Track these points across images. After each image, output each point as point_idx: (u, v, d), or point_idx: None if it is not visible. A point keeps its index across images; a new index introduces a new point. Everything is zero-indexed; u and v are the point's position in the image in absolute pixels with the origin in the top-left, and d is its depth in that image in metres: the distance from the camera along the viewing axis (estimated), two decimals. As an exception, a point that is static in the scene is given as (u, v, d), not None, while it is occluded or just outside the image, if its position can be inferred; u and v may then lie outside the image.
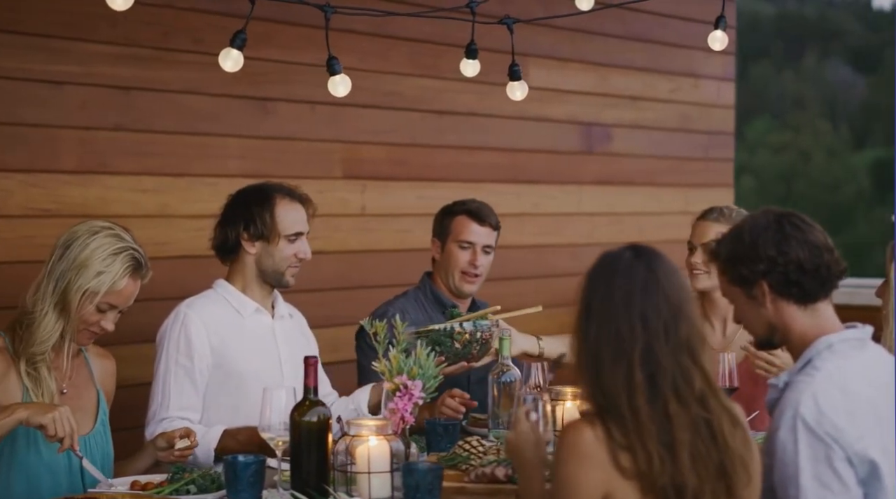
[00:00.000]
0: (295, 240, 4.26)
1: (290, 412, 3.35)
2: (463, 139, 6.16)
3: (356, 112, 5.70)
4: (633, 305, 2.70)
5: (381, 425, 3.36)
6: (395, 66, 5.81)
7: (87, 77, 4.83)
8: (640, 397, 2.65)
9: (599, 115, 6.77)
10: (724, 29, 4.25)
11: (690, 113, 7.30)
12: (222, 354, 4.19)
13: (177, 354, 4.15)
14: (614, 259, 2.77)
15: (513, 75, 4.33)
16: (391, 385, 3.61)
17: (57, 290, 3.63)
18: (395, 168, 5.87)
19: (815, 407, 2.85)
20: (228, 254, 4.31)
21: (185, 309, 4.19)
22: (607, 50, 6.66)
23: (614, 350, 2.68)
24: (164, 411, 4.10)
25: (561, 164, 6.64)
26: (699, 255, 4.61)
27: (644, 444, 2.63)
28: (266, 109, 5.38)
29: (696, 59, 7.23)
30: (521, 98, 4.33)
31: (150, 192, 5.04)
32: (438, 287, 4.84)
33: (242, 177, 5.25)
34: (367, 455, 3.29)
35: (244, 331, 4.25)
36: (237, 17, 5.08)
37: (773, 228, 3.07)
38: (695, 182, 7.41)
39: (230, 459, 3.39)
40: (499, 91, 6.14)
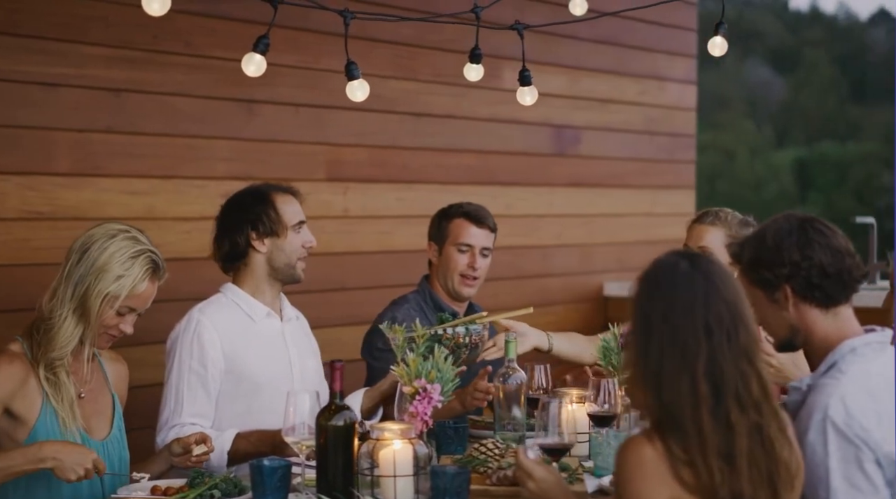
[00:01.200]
0: (300, 229, 4.29)
1: (315, 416, 3.36)
2: (439, 141, 6.20)
3: (338, 114, 5.71)
4: (696, 317, 2.65)
5: (404, 428, 3.38)
6: (376, 68, 5.82)
7: (81, 79, 4.80)
8: (704, 408, 2.61)
9: (570, 117, 6.83)
10: (724, 35, 4.30)
11: (656, 115, 7.40)
12: (235, 359, 4.18)
13: (190, 360, 4.14)
14: (670, 271, 2.72)
15: (523, 80, 4.37)
16: (410, 389, 3.62)
17: (76, 295, 3.62)
18: (376, 170, 5.90)
19: (843, 410, 2.89)
20: (236, 260, 4.30)
21: (197, 315, 4.18)
22: (577, 53, 6.73)
23: (678, 363, 2.64)
24: (177, 418, 4.09)
25: (533, 166, 6.70)
26: None
27: (705, 457, 2.60)
28: (252, 111, 5.38)
29: (661, 63, 7.33)
30: (530, 103, 4.37)
31: (139, 194, 5.02)
32: (437, 291, 4.84)
33: (230, 179, 5.26)
34: (392, 459, 3.31)
35: (256, 336, 4.25)
36: (225, 20, 5.13)
37: (797, 232, 3.11)
38: (659, 184, 7.51)
39: (257, 463, 3.40)
40: (474, 93, 6.22)
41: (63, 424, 3.64)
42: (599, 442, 3.84)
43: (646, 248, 7.38)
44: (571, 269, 6.76)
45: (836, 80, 31.01)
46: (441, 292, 4.84)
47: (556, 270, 6.70)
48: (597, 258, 7.07)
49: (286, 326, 4.37)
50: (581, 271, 6.83)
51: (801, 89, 30.53)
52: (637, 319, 2.72)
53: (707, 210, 4.75)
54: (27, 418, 3.62)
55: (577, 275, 6.76)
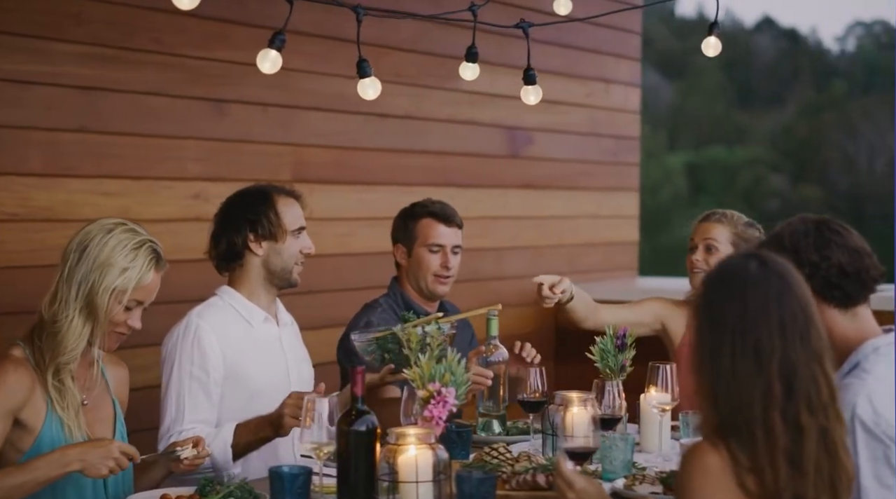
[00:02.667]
0: (299, 235, 4.23)
1: (336, 421, 3.31)
2: (399, 142, 6.16)
3: (303, 114, 5.65)
4: (771, 316, 2.63)
5: (423, 433, 3.33)
6: (339, 68, 5.76)
7: (54, 77, 4.68)
8: (775, 409, 2.59)
9: (521, 119, 6.83)
10: (718, 35, 4.33)
11: (602, 117, 7.43)
12: (234, 365, 4.11)
13: (191, 366, 4.06)
14: (740, 270, 2.69)
15: (528, 79, 4.34)
16: (425, 393, 3.57)
17: (80, 294, 3.50)
18: (339, 171, 5.84)
19: (871, 409, 2.92)
20: (233, 261, 4.23)
21: (196, 319, 4.09)
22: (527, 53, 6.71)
23: (753, 363, 2.61)
24: (179, 425, 4.02)
25: (488, 167, 6.69)
26: (700, 252, 4.74)
27: (773, 459, 2.58)
28: (222, 111, 5.28)
29: (607, 65, 7.36)
30: (534, 102, 4.35)
31: (112, 195, 4.90)
32: (408, 293, 4.78)
33: (199, 180, 5.19)
34: (413, 464, 3.25)
35: (254, 341, 4.18)
36: (195, 17, 5.04)
37: (814, 233, 3.14)
38: (605, 186, 7.55)
39: (276, 470, 3.35)
40: (433, 94, 6.19)
41: (69, 432, 3.53)
42: (607, 445, 3.82)
43: (593, 250, 7.42)
44: (524, 271, 6.75)
45: (722, 86, 31.53)
46: (413, 293, 4.77)
47: (510, 272, 6.69)
48: (548, 260, 7.07)
49: (283, 332, 4.31)
50: (533, 274, 6.79)
51: (689, 95, 31.01)
52: (706, 322, 2.69)
53: (714, 210, 4.86)
54: (33, 426, 3.51)
55: (529, 277, 6.73)
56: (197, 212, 5.17)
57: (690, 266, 4.78)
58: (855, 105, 29.93)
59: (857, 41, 34.30)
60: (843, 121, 30.18)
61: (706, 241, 4.73)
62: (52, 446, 3.47)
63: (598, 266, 7.35)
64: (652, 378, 4.18)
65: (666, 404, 4.16)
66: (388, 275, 4.95)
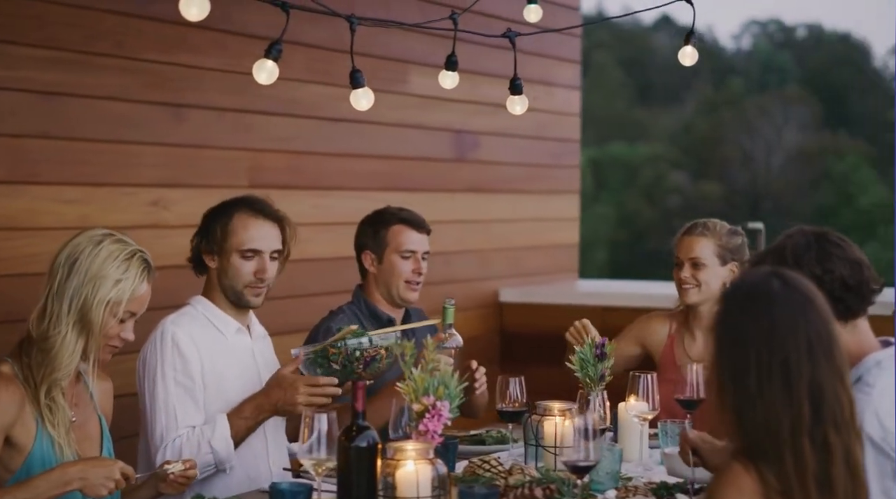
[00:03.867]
0: (251, 257, 4.11)
1: (337, 437, 3.27)
2: (351, 147, 6.11)
3: (259, 119, 5.58)
4: (798, 335, 2.59)
5: (422, 447, 3.30)
6: (294, 72, 5.70)
7: (15, 82, 4.56)
8: (804, 432, 2.55)
9: (468, 122, 6.82)
10: (695, 45, 4.35)
11: (545, 120, 7.44)
12: (210, 374, 4.06)
13: (174, 373, 3.99)
14: (764, 289, 2.65)
15: (514, 89, 4.31)
16: (420, 406, 3.54)
17: (73, 308, 3.42)
18: (294, 176, 5.78)
19: (878, 425, 2.94)
20: (197, 267, 4.18)
21: (171, 327, 4.02)
22: (475, 57, 6.70)
23: (781, 384, 2.57)
24: (174, 432, 3.95)
25: (436, 171, 6.67)
26: (688, 269, 4.70)
27: (804, 485, 2.54)
28: (180, 116, 5.20)
29: (550, 68, 7.37)
30: (520, 113, 4.32)
31: (73, 203, 4.80)
32: (374, 300, 4.74)
33: (158, 186, 5.11)
34: (413, 480, 3.23)
35: (228, 351, 4.13)
36: (154, 21, 4.95)
37: (815, 246, 3.14)
38: (547, 189, 7.57)
39: (277, 486, 3.33)
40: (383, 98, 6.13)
41: (59, 451, 3.45)
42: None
43: (535, 252, 7.43)
44: (471, 275, 6.75)
45: (622, 84, 31.84)
46: (380, 300, 4.73)
47: (458, 276, 6.68)
48: (493, 264, 7.07)
49: (255, 344, 4.25)
50: (479, 277, 6.83)
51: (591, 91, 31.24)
52: (728, 341, 2.64)
53: (695, 222, 4.81)
54: (23, 445, 3.43)
55: (475, 281, 6.75)
56: (155, 219, 5.08)
57: (679, 282, 4.74)
58: (752, 103, 30.40)
59: (753, 39, 34.83)
60: (740, 118, 30.65)
61: (692, 259, 4.71)
62: (43, 466, 3.40)
63: (540, 269, 7.36)
64: (633, 387, 4.19)
65: (647, 414, 4.17)
66: (344, 280, 4.92)
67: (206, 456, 3.89)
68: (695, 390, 4.27)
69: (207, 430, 3.94)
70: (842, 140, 30.47)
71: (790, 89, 31.46)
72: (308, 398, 3.90)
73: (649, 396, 4.18)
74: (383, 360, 4.00)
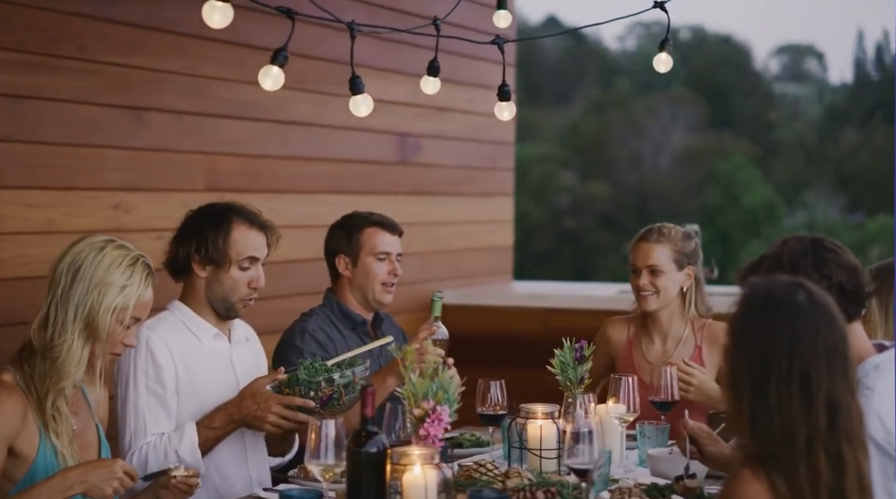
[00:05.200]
0: (248, 268, 4.11)
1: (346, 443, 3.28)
2: (302, 150, 6.10)
3: (216, 122, 5.54)
4: (819, 348, 2.62)
5: (428, 452, 3.32)
6: (249, 75, 5.66)
7: (-19, 84, 4.49)
8: (819, 443, 2.58)
9: (411, 125, 6.84)
10: (669, 52, 4.42)
11: (481, 123, 7.48)
12: (184, 381, 4.05)
13: (146, 379, 3.98)
14: (790, 300, 2.68)
15: (502, 95, 4.33)
16: (420, 411, 3.56)
17: (79, 316, 3.39)
18: (249, 180, 5.74)
19: (881, 427, 3.01)
20: (179, 273, 4.15)
21: (147, 332, 4.00)
22: (418, 60, 6.72)
23: (800, 395, 2.59)
24: (142, 439, 3.95)
25: (381, 174, 6.68)
26: (645, 276, 4.73)
27: (816, 494, 2.57)
28: (140, 120, 5.14)
29: (486, 71, 7.40)
30: (508, 118, 4.34)
31: (39, 207, 4.72)
32: (347, 303, 4.75)
33: (119, 190, 5.06)
34: (416, 484, 3.25)
35: (204, 358, 4.11)
36: (115, 23, 4.90)
37: (811, 252, 3.22)
38: (483, 191, 7.61)
39: (286, 492, 3.32)
40: (333, 101, 6.15)
41: (62, 460, 3.41)
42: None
43: (473, 255, 7.47)
44: (413, 277, 6.74)
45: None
46: (353, 304, 4.76)
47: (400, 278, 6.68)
48: (433, 266, 7.09)
49: (234, 350, 4.23)
50: (420, 280, 6.84)
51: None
52: (749, 348, 2.66)
53: (650, 227, 4.82)
54: (27, 454, 3.39)
55: (417, 283, 6.76)
56: (118, 223, 5.02)
57: (637, 289, 4.76)
58: (639, 103, 30.82)
59: (637, 40, 35.30)
60: (627, 119, 31.04)
61: (649, 266, 4.74)
62: (47, 474, 3.36)
63: (477, 271, 7.41)
64: (614, 390, 4.24)
65: (627, 416, 4.22)
66: (301, 283, 4.91)
67: (172, 463, 3.85)
68: (669, 392, 4.34)
69: (175, 438, 3.92)
70: (726, 140, 31.06)
71: (675, 90, 31.95)
72: (278, 420, 3.91)
73: (629, 398, 4.23)
74: (342, 397, 3.94)
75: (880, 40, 35.90)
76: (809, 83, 35.91)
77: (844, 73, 42.50)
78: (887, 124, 31.73)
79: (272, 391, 3.93)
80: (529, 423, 4.09)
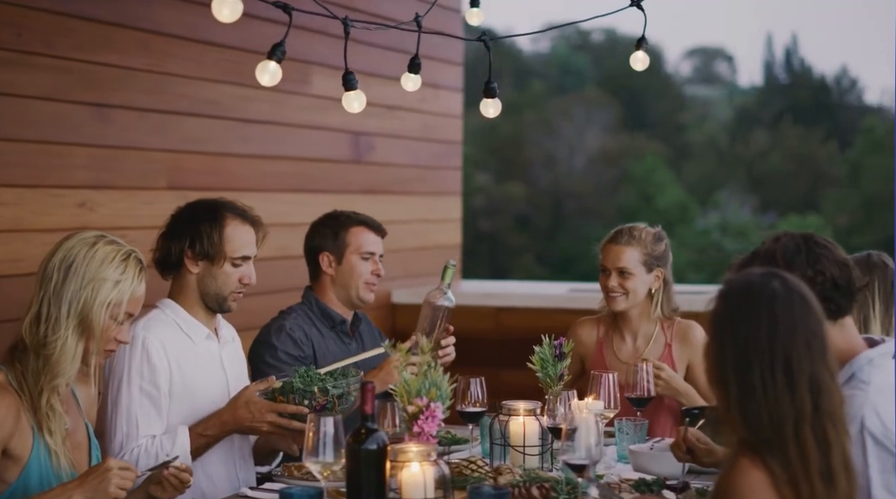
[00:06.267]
0: (241, 264, 4.10)
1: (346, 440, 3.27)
2: (262, 148, 6.06)
3: (179, 120, 5.49)
4: (798, 334, 2.69)
5: (425, 449, 3.32)
6: (209, 72, 5.64)
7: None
8: (806, 425, 2.64)
9: (365, 124, 6.83)
10: (646, 50, 4.46)
11: (431, 122, 7.50)
12: (178, 382, 4.01)
13: (140, 380, 3.94)
14: (766, 290, 2.74)
15: (488, 92, 4.33)
16: (414, 408, 3.56)
17: (73, 312, 3.34)
18: (211, 178, 5.70)
19: (878, 421, 3.01)
20: (170, 269, 4.12)
21: (142, 333, 3.95)
22: (369, 59, 6.72)
23: (784, 381, 2.65)
24: (133, 441, 3.91)
25: (337, 172, 6.66)
26: (615, 278, 4.77)
27: (808, 477, 2.62)
28: (106, 117, 5.08)
29: (436, 71, 7.42)
30: (493, 116, 4.35)
31: (6, 205, 4.65)
32: (328, 301, 4.75)
33: (85, 188, 5.00)
34: (420, 481, 3.25)
35: (196, 358, 4.08)
36: (83, 19, 4.85)
37: (804, 249, 3.27)
38: (433, 190, 7.62)
39: (287, 491, 3.30)
40: (291, 99, 6.13)
41: (56, 460, 3.37)
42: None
43: (423, 254, 7.48)
44: (369, 276, 6.74)
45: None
46: (334, 302, 4.76)
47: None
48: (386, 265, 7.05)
49: (224, 350, 4.20)
50: (377, 279, 6.82)
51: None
52: (731, 340, 2.72)
53: (620, 228, 4.86)
54: (20, 456, 3.33)
55: (370, 282, 6.75)
56: (84, 221, 4.96)
57: (606, 290, 4.81)
58: (554, 104, 31.00)
59: (551, 42, 35.51)
60: (542, 120, 31.20)
61: (619, 268, 4.77)
62: (40, 477, 3.33)
63: (427, 270, 7.40)
64: (594, 387, 4.27)
65: (608, 412, 4.25)
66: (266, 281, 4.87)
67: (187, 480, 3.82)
68: (644, 388, 4.39)
69: (167, 442, 3.89)
70: (640, 141, 31.34)
71: (589, 92, 32.19)
72: (272, 429, 3.92)
73: (609, 395, 4.26)
74: (336, 407, 3.93)
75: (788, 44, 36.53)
76: (720, 86, 36.39)
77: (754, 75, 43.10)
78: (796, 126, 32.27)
79: (265, 398, 3.91)
80: (512, 420, 4.10)
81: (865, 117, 32.56)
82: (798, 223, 29.24)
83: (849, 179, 30.47)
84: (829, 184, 30.84)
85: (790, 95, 34.42)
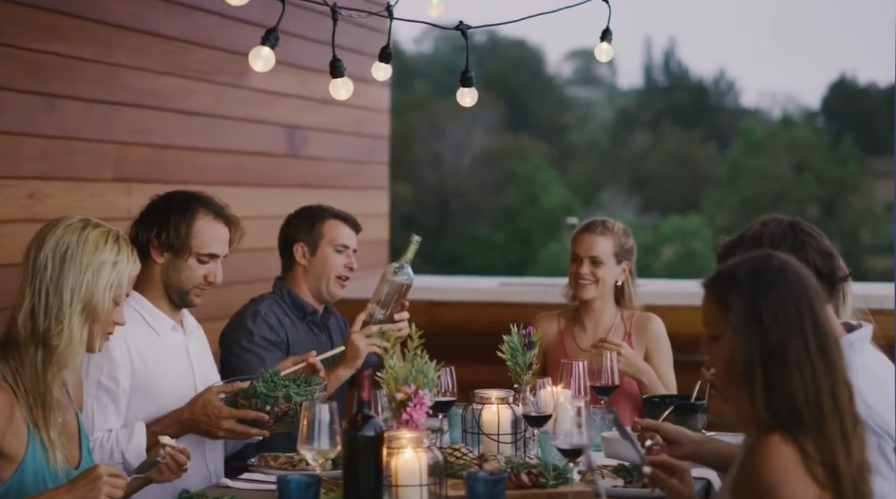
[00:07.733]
0: (207, 261, 4.06)
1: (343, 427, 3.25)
2: (202, 141, 5.99)
3: (124, 111, 5.40)
4: (815, 292, 2.71)
5: (419, 436, 3.32)
6: (154, 63, 5.56)
7: None
8: (825, 396, 2.66)
9: (299, 118, 6.79)
10: (610, 42, 4.50)
11: (362, 117, 7.48)
12: (142, 375, 3.97)
13: (99, 374, 3.88)
14: (768, 267, 2.75)
15: (465, 82, 4.34)
16: (403, 395, 3.55)
17: (76, 299, 3.28)
18: (155, 170, 5.61)
19: (863, 403, 3.00)
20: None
21: None
22: (304, 52, 6.69)
23: (801, 355, 2.66)
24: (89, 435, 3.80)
25: (273, 166, 6.61)
26: (587, 266, 4.86)
27: (831, 447, 2.64)
28: (54, 107, 4.97)
29: (366, 65, 7.38)
30: (469, 105, 4.35)
31: (-43, 196, 4.54)
32: (299, 291, 4.75)
33: (34, 179, 4.91)
34: (416, 468, 3.25)
35: (161, 350, 4.03)
36: (31, 7, 4.77)
37: (790, 235, 3.34)
38: (362, 185, 7.60)
39: (284, 478, 3.28)
40: (229, 92, 6.08)
41: (52, 456, 3.29)
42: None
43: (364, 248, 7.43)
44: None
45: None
46: (305, 293, 4.77)
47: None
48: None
49: (189, 340, 4.15)
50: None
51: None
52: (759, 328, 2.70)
53: (594, 220, 5.01)
54: (15, 453, 3.25)
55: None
56: (33, 213, 4.86)
57: (576, 277, 4.91)
58: (440, 104, 31.05)
59: (434, 43, 35.59)
60: (429, 120, 31.25)
61: (592, 256, 4.88)
62: (35, 474, 3.26)
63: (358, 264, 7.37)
64: (564, 375, 4.29)
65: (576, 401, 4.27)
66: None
67: (116, 464, 3.76)
68: (609, 376, 4.44)
69: (123, 438, 3.83)
70: (524, 142, 31.57)
71: (474, 92, 32.31)
72: (228, 435, 3.91)
73: (578, 383, 4.29)
74: (297, 414, 3.84)
75: (667, 47, 37.10)
76: (601, 87, 36.80)
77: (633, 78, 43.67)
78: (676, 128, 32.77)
79: (226, 400, 3.86)
80: (486, 408, 4.11)
81: (743, 119, 33.21)
82: (679, 224, 29.73)
83: (728, 180, 31.03)
84: (709, 184, 31.38)
85: (669, 97, 34.95)
